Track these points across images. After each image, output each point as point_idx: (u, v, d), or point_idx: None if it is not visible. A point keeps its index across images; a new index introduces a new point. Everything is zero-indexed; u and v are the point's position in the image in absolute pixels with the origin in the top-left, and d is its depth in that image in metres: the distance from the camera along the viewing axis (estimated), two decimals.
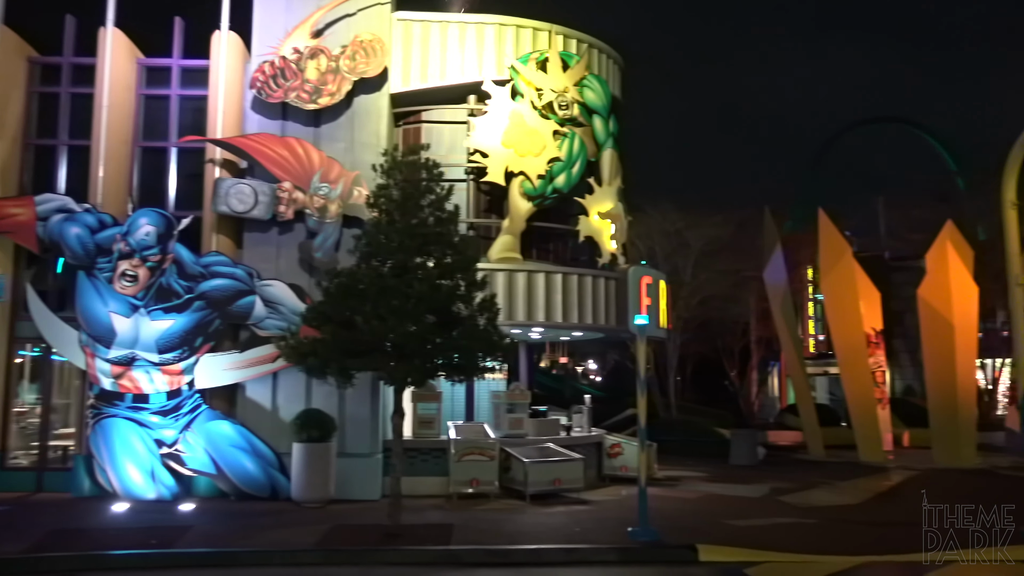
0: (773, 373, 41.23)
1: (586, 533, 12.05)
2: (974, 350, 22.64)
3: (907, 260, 35.70)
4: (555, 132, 17.35)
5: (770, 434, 29.24)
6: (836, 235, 24.44)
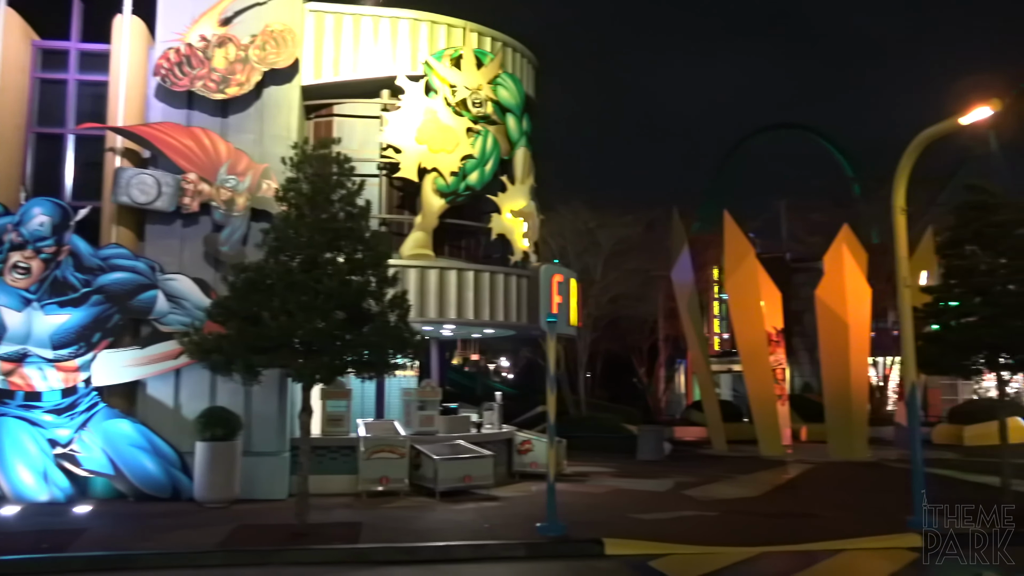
0: (680, 370, 42.25)
1: (495, 529, 12.11)
2: (867, 348, 23.76)
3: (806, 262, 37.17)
4: (469, 129, 17.36)
5: (676, 430, 29.95)
6: (740, 237, 25.23)
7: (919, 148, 12.58)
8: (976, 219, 13.19)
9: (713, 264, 37.47)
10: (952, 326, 13.33)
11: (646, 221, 31.21)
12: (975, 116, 11.81)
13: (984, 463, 19.07)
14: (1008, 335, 12.50)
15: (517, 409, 26.41)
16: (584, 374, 31.06)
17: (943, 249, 13.97)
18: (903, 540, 11.48)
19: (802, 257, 39.53)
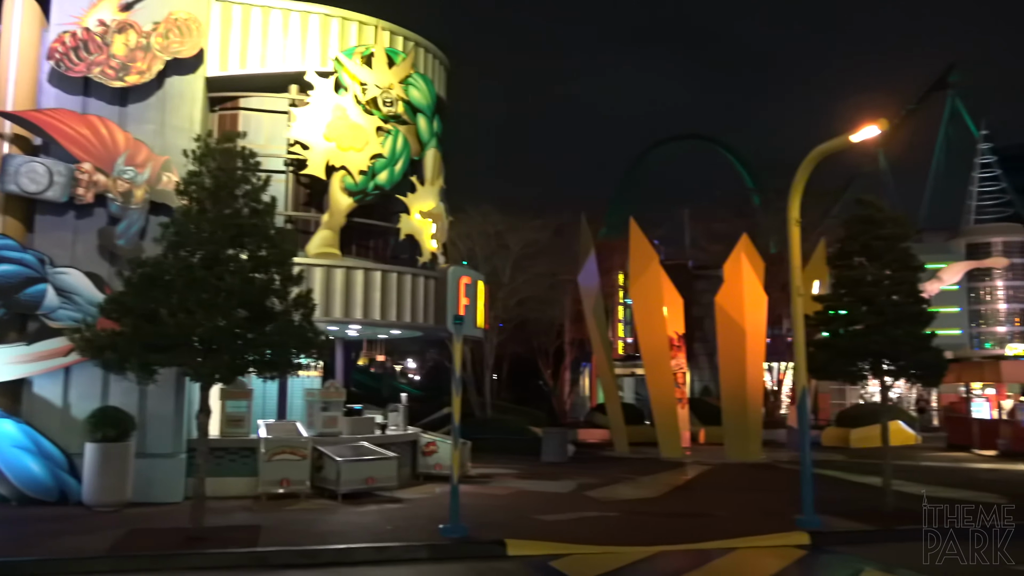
0: (585, 373, 42.87)
1: (397, 531, 12.05)
2: (762, 354, 24.65)
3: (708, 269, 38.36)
4: (379, 128, 17.22)
5: (580, 432, 30.36)
6: (645, 243, 25.81)
7: (812, 163, 13.16)
8: (864, 232, 13.87)
9: (619, 269, 38.19)
10: (840, 334, 13.95)
11: (554, 226, 31.57)
12: (864, 134, 12.43)
13: (868, 464, 20.05)
14: (891, 343, 13.18)
15: (423, 411, 26.32)
16: (490, 376, 31.17)
17: (834, 260, 14.62)
18: (792, 538, 11.97)
19: (704, 265, 40.79)
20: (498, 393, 34.40)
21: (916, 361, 13.44)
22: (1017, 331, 50.98)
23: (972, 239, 52.76)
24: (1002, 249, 51.04)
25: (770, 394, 33.19)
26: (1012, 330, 51.10)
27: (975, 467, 21.67)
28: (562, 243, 31.57)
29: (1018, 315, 51.41)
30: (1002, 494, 15.91)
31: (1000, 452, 24.53)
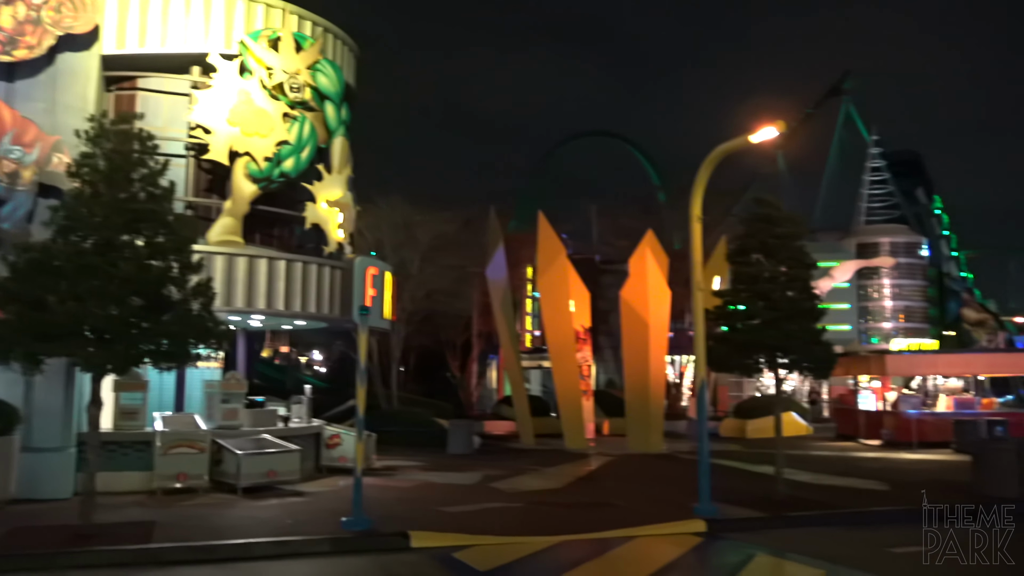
0: (492, 366, 43.07)
1: (299, 525, 11.86)
2: (665, 347, 25.25)
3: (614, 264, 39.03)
4: (285, 114, 16.83)
5: (487, 424, 30.48)
6: (553, 237, 26.05)
7: (714, 162, 13.55)
8: (761, 231, 14.37)
9: (527, 263, 38.42)
10: (738, 328, 14.42)
11: (464, 218, 31.57)
12: (763, 135, 12.88)
13: (763, 454, 20.79)
14: (785, 337, 13.71)
15: (329, 403, 25.95)
16: (397, 368, 30.96)
17: (733, 257, 15.08)
18: (689, 526, 12.34)
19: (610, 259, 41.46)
20: (405, 385, 34.23)
21: (808, 355, 14.01)
22: (901, 327, 53.74)
23: (862, 239, 55.26)
24: (889, 249, 53.65)
25: (672, 387, 34.05)
26: (897, 326, 53.85)
27: (860, 456, 22.78)
28: (471, 236, 31.59)
29: (902, 312, 54.20)
30: (883, 481, 16.81)
31: (884, 442, 25.83)
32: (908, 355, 34.03)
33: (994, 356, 34.55)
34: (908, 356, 32.97)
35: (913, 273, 54.86)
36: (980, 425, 22.72)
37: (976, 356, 33.16)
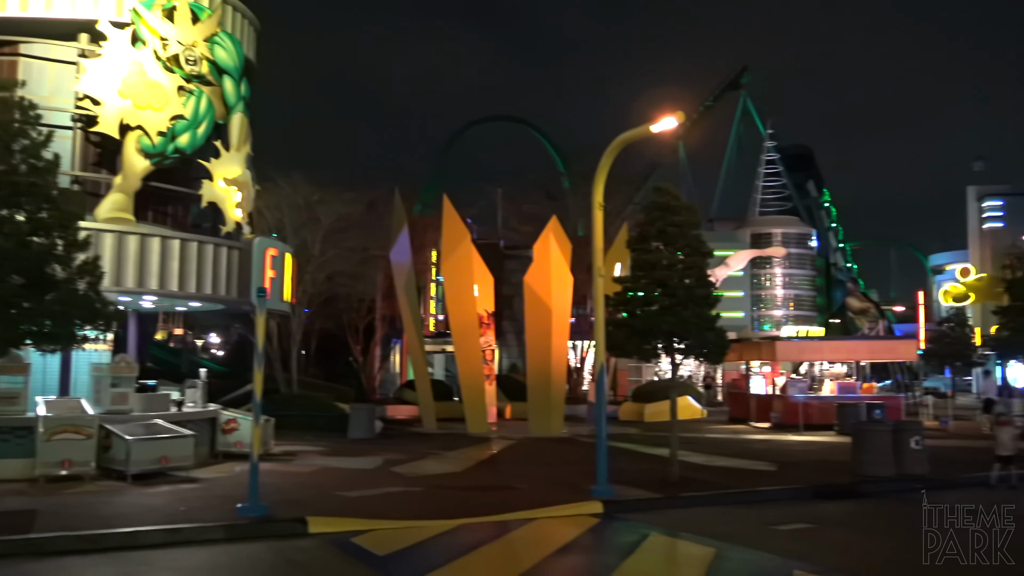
0: (395, 350, 42.77)
1: (192, 512, 11.53)
2: (567, 332, 25.59)
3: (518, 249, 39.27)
4: (180, 88, 16.23)
5: (389, 409, 30.29)
6: (458, 221, 26.00)
7: (615, 150, 13.78)
8: (660, 219, 14.69)
9: (432, 247, 38.30)
10: (637, 314, 14.72)
11: (368, 200, 31.12)
12: (663, 125, 13.16)
13: (659, 437, 21.36)
14: (681, 323, 14.08)
15: (226, 387, 25.25)
16: (298, 352, 30.38)
17: (633, 244, 15.37)
18: (587, 507, 12.59)
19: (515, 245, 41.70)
20: (306, 369, 33.63)
21: (702, 340, 14.44)
22: (791, 315, 56.06)
23: (756, 229, 57.28)
24: (781, 240, 55.84)
25: (573, 371, 34.54)
26: (787, 313, 56.14)
27: (751, 438, 23.69)
28: (375, 218, 31.20)
29: (792, 300, 56.55)
30: (771, 462, 17.55)
31: (773, 424, 26.95)
32: (797, 341, 35.54)
33: (875, 343, 36.51)
34: (797, 342, 34.43)
35: (803, 263, 57.29)
36: (861, 408, 23.92)
37: (858, 343, 34.97)
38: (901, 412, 26.77)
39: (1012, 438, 14.72)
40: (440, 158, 66.08)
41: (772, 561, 9.60)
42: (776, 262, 55.18)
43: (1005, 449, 14.72)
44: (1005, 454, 14.71)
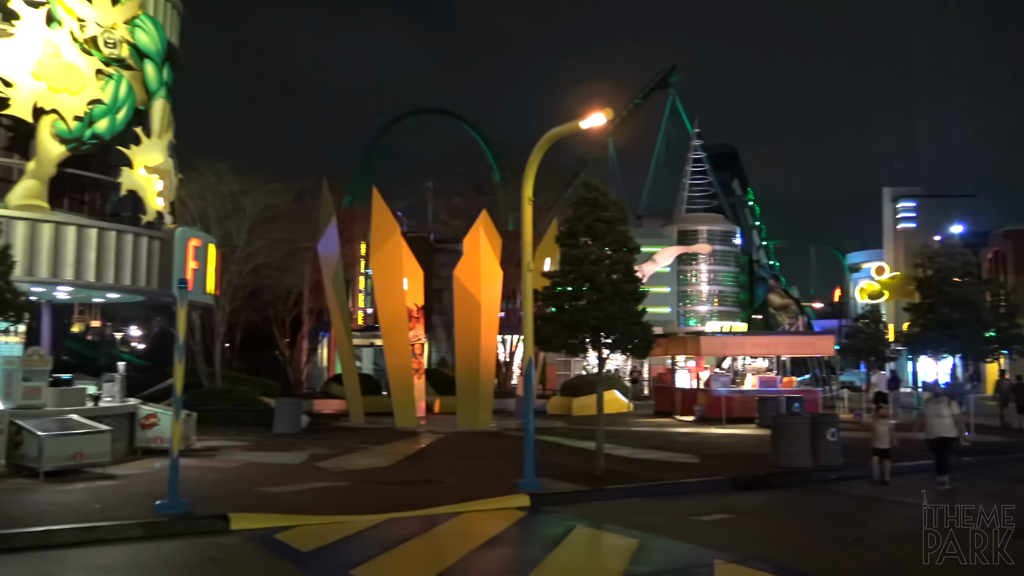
0: (323, 343, 42.22)
1: (108, 510, 11.20)
2: (496, 327, 25.67)
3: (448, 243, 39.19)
4: (99, 71, 15.69)
5: (316, 403, 29.91)
6: (387, 214, 25.80)
7: (545, 145, 13.86)
8: (588, 214, 14.83)
9: (361, 239, 37.87)
10: (565, 308, 14.85)
11: (295, 190, 30.55)
12: (592, 121, 13.29)
13: (586, 430, 21.59)
14: (607, 318, 14.26)
15: (147, 381, 24.57)
16: (222, 345, 29.69)
17: (562, 239, 15.49)
18: (514, 501, 12.67)
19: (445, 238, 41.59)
20: (230, 363, 32.92)
21: (628, 335, 14.65)
22: (716, 310, 57.31)
23: (683, 226, 58.38)
24: (706, 237, 57.03)
25: (503, 365, 34.65)
26: (712, 309, 57.38)
27: (675, 431, 24.16)
28: (303, 209, 30.66)
29: (717, 296, 57.82)
30: (694, 454, 17.93)
31: (697, 418, 27.53)
32: (720, 337, 36.28)
33: (795, 338, 37.60)
34: (720, 338, 35.15)
35: (727, 260, 58.63)
36: (780, 402, 24.61)
37: (779, 338, 35.98)
38: (819, 405, 27.63)
39: (889, 431, 14.94)
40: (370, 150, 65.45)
41: (693, 551, 9.82)
42: (702, 259, 56.33)
43: (882, 442, 14.87)
44: (882, 447, 14.86)
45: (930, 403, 15.44)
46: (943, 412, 14.71)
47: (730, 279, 58.71)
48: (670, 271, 53.44)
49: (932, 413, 14.90)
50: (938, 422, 14.62)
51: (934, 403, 15.16)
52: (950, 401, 15.10)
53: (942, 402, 14.99)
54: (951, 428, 14.60)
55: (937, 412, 14.78)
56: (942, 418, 14.63)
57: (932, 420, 14.76)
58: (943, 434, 14.54)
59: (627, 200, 58.88)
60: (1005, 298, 30.93)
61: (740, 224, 64.91)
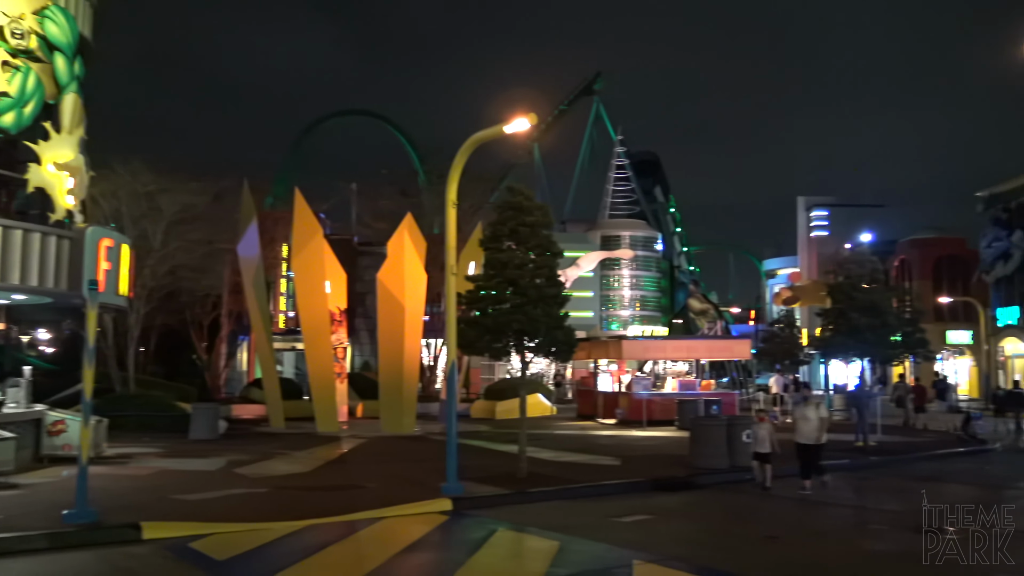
0: (243, 347, 41.34)
1: (11, 520, 10.71)
2: (420, 330, 25.55)
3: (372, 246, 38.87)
4: (5, 63, 15.01)
5: (235, 408, 29.32)
6: (310, 215, 25.43)
7: (469, 149, 13.89)
8: (513, 218, 14.91)
9: (283, 241, 37.24)
10: (489, 312, 14.89)
11: (215, 190, 29.85)
12: (516, 126, 13.37)
13: (509, 434, 21.68)
14: (531, 321, 14.35)
15: (56, 386, 23.59)
16: (136, 349, 28.78)
17: (486, 243, 15.53)
18: (436, 505, 12.63)
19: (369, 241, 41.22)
20: (145, 367, 31.96)
21: (551, 339, 14.77)
22: (638, 315, 58.21)
23: (606, 232, 59.15)
24: (629, 242, 57.92)
25: (427, 369, 34.51)
26: (634, 313, 58.27)
27: (597, 434, 24.45)
28: (223, 210, 29.97)
29: (639, 301, 58.75)
30: (615, 456, 18.19)
31: (618, 420, 27.92)
32: (642, 341, 36.90)
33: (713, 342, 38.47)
34: (642, 342, 35.76)
35: (649, 265, 59.65)
36: (699, 404, 25.16)
37: (698, 342, 36.73)
38: (735, 408, 28.35)
39: (770, 434, 14.61)
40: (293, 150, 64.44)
41: (612, 552, 9.96)
42: (624, 264, 57.18)
43: (762, 446, 14.61)
44: (762, 451, 14.61)
45: (799, 405, 15.22)
46: (809, 415, 14.45)
47: (652, 284, 59.74)
48: (593, 276, 54.06)
49: (799, 416, 14.73)
50: (804, 424, 14.41)
51: (802, 405, 14.94)
52: (818, 404, 14.88)
53: (810, 404, 14.77)
54: (816, 431, 14.32)
55: (804, 415, 14.57)
56: (808, 421, 14.39)
57: (799, 423, 14.60)
58: (809, 436, 14.30)
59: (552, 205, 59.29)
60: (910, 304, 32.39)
61: (662, 230, 66.13)
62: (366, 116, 68.75)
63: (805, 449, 14.39)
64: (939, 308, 52.49)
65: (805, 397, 15.91)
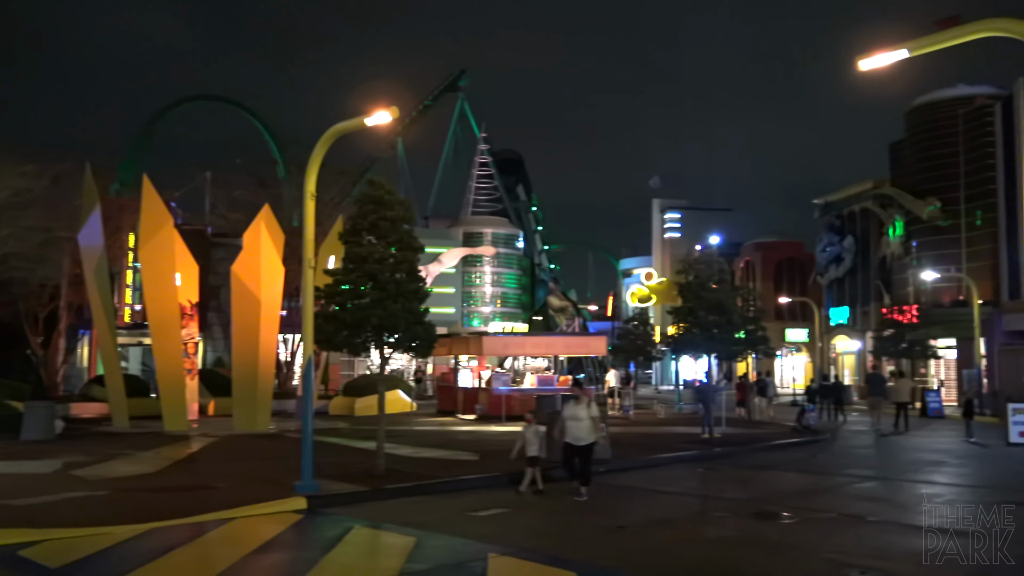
0: (84, 342, 38.90)
1: None
2: (276, 325, 24.87)
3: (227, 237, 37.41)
4: None
5: (74, 406, 27.62)
6: (159, 204, 24.25)
7: (329, 140, 13.64)
8: (373, 212, 14.76)
9: (129, 230, 35.23)
10: (348, 307, 14.69)
11: (53, 174, 27.89)
12: (378, 119, 13.24)
13: (368, 430, 21.44)
14: (390, 316, 14.27)
15: None
16: None
17: (345, 236, 15.30)
18: (290, 504, 12.36)
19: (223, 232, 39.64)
20: None
21: (411, 334, 14.73)
22: (499, 311, 58.80)
23: (468, 228, 59.42)
24: (491, 239, 58.44)
25: (283, 365, 33.63)
26: (494, 310, 58.80)
27: (457, 430, 24.57)
28: (61, 195, 28.05)
29: (500, 297, 59.36)
30: (474, 452, 18.36)
31: (478, 416, 28.15)
32: (502, 337, 37.32)
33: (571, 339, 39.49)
34: (502, 338, 36.15)
35: (510, 263, 60.39)
36: (557, 400, 25.63)
37: (557, 338, 37.60)
38: None
39: (538, 437, 13.92)
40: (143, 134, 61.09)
41: (468, 546, 10.05)
42: (486, 261, 57.64)
43: (531, 448, 13.83)
44: (531, 454, 13.79)
45: (568, 404, 13.70)
46: (580, 414, 13.31)
47: (513, 281, 60.51)
48: (455, 272, 54.22)
49: (569, 415, 13.41)
50: (575, 425, 13.31)
51: (572, 404, 13.54)
52: (589, 402, 13.52)
53: (581, 403, 13.44)
54: (590, 431, 13.30)
55: (574, 415, 13.37)
56: (580, 421, 13.30)
57: (569, 423, 13.38)
58: (580, 437, 13.26)
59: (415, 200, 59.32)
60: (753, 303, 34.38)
61: (524, 228, 67.01)
62: (223, 103, 66.02)
63: (575, 450, 13.34)
64: (779, 308, 55.98)
65: (576, 396, 13.83)
